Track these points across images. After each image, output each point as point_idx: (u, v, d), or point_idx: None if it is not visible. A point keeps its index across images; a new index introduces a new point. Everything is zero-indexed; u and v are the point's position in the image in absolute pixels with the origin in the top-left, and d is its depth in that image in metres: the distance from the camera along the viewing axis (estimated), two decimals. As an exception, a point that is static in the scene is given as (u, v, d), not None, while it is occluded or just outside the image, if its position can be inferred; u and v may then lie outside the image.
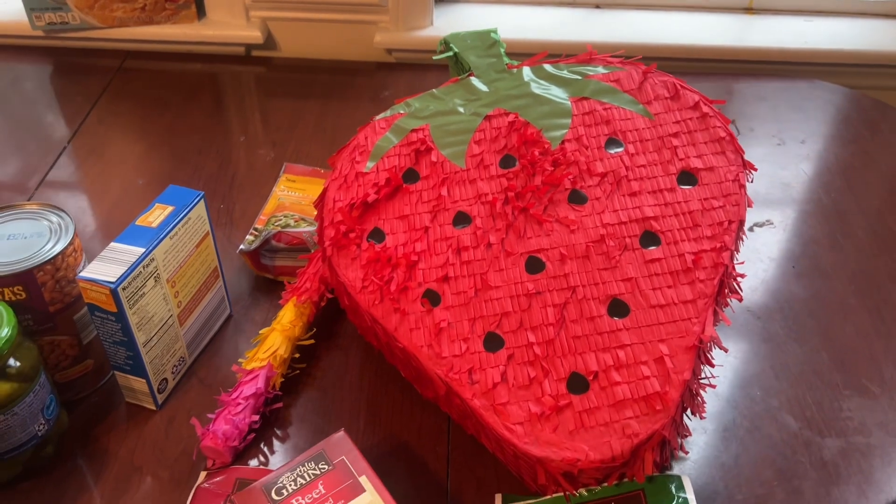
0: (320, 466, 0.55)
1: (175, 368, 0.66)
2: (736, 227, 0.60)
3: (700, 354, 0.56)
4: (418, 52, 1.13)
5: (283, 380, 0.66)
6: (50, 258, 0.58)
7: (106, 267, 0.58)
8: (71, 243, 0.60)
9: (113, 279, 0.57)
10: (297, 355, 0.69)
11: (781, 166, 0.95)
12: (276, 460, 0.62)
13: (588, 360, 0.56)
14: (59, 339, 0.62)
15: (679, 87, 0.68)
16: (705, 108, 0.66)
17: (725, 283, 0.59)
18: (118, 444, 0.63)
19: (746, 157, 0.95)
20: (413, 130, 0.68)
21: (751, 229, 0.85)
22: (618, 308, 0.58)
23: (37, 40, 1.13)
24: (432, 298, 0.60)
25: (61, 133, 0.99)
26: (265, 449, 0.63)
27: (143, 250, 0.59)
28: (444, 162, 0.66)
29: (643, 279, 0.59)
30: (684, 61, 1.13)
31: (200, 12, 1.12)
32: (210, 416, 0.62)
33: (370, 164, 0.66)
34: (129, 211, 0.86)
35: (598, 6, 1.20)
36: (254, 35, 1.11)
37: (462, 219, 0.63)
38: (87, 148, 0.96)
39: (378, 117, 0.70)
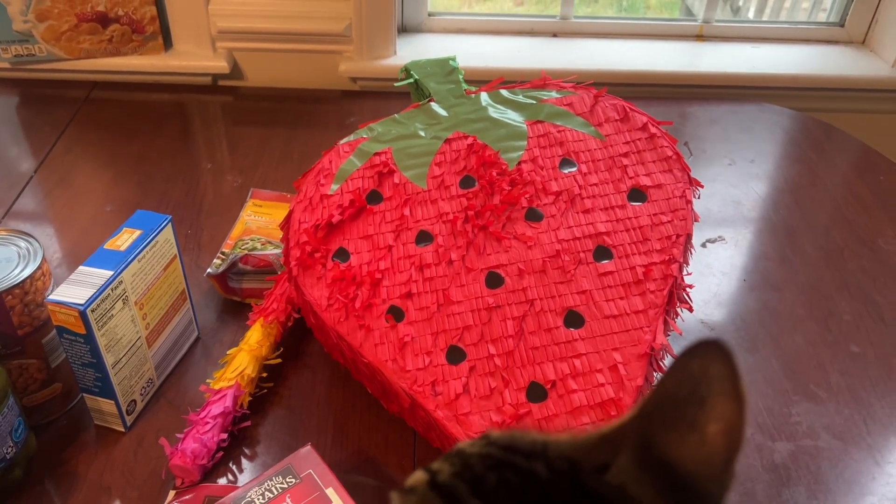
0: (287, 480, 0.56)
1: (144, 390, 0.67)
2: (684, 241, 0.63)
3: (652, 361, 0.59)
4: (382, 80, 1.16)
5: (250, 399, 0.68)
6: (18, 282, 0.59)
7: (74, 290, 0.59)
8: (39, 268, 0.61)
9: (81, 301, 0.58)
10: (264, 374, 0.70)
11: (732, 185, 0.99)
12: (245, 478, 0.63)
13: (546, 370, 0.58)
14: (28, 362, 0.63)
15: (628, 110, 0.71)
16: (653, 129, 0.70)
17: (675, 294, 0.62)
18: (87, 466, 0.64)
19: (700, 176, 0.99)
20: (376, 154, 0.70)
21: (703, 245, 0.88)
22: (573, 319, 0.61)
23: (3, 72, 1.14)
24: (396, 314, 0.62)
25: (28, 163, 0.99)
26: (233, 467, 0.64)
27: (111, 273, 0.61)
28: (406, 183, 0.68)
29: (597, 291, 0.61)
30: (639, 86, 1.17)
31: (167, 43, 1.14)
32: (179, 435, 0.63)
33: (335, 187, 0.69)
34: (98, 238, 0.87)
35: (555, 35, 1.25)
36: (220, 65, 1.13)
37: (424, 237, 0.65)
38: (54, 177, 0.97)
39: (342, 142, 0.72)
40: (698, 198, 0.70)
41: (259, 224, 0.83)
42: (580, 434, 0.28)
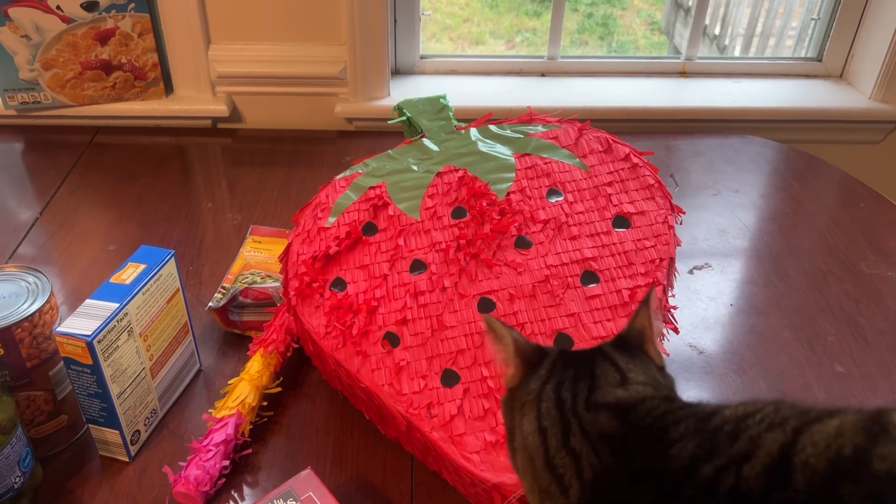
0: (289, 503, 0.58)
1: (147, 420, 0.69)
2: (667, 264, 0.66)
3: (640, 381, 0.61)
4: (376, 121, 1.20)
5: (251, 427, 0.69)
6: (28, 316, 0.61)
7: (82, 322, 0.61)
8: (47, 302, 0.63)
9: (88, 332, 0.60)
10: (264, 403, 0.72)
11: (718, 214, 1.02)
12: (246, 503, 0.65)
13: (537, 391, 0.60)
14: (36, 394, 0.64)
15: (611, 142, 0.74)
16: (635, 160, 0.73)
17: (660, 315, 0.64)
18: (92, 496, 0.65)
19: (686, 206, 1.02)
20: (371, 188, 0.73)
21: (690, 272, 0.91)
22: (563, 341, 0.63)
23: (8, 119, 1.18)
24: (392, 340, 0.64)
25: (33, 206, 1.02)
26: (235, 494, 0.65)
27: (116, 305, 0.63)
28: (400, 215, 0.71)
29: (585, 314, 0.64)
30: (626, 122, 1.21)
31: (168, 89, 1.18)
32: (182, 464, 0.65)
33: (331, 220, 0.71)
34: (100, 276, 0.89)
35: (543, 74, 1.29)
36: (220, 109, 1.17)
37: (418, 266, 0.68)
38: (58, 219, 1.00)
39: (338, 177, 0.75)
40: (680, 223, 0.73)
41: (258, 259, 0.86)
42: None
